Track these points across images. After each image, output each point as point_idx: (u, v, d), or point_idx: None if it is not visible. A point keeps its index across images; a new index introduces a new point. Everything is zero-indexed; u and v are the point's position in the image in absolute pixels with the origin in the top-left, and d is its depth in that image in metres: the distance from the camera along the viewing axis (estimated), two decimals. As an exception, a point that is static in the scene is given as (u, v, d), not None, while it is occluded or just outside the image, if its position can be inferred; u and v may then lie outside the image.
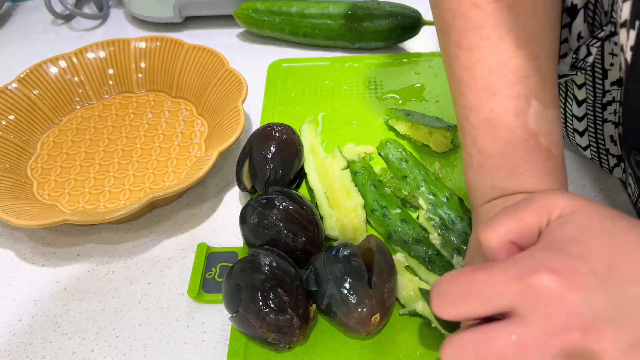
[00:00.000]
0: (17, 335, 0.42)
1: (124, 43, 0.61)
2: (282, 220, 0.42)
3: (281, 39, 0.69)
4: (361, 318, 0.37)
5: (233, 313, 0.38)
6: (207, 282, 0.43)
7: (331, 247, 0.40)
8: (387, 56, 0.64)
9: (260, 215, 0.42)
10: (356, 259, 0.38)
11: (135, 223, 0.49)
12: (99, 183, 0.52)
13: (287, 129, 0.50)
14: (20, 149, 0.55)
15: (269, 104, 0.60)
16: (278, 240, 0.42)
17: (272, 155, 0.47)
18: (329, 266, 0.39)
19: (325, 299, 0.38)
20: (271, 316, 0.36)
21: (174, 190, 0.45)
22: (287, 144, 0.49)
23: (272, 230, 0.42)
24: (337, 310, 0.38)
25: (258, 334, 0.37)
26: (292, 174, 0.48)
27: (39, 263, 0.47)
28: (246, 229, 0.43)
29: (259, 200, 0.43)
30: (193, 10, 0.71)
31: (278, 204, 0.42)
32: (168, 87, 0.61)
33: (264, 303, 0.37)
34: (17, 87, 0.57)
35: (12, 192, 0.49)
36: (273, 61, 0.65)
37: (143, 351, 0.40)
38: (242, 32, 0.72)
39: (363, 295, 0.37)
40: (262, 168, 0.47)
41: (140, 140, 0.56)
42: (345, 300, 0.37)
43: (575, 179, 0.49)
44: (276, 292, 0.37)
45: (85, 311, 0.43)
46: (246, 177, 0.49)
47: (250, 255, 0.40)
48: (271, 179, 0.47)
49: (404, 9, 0.63)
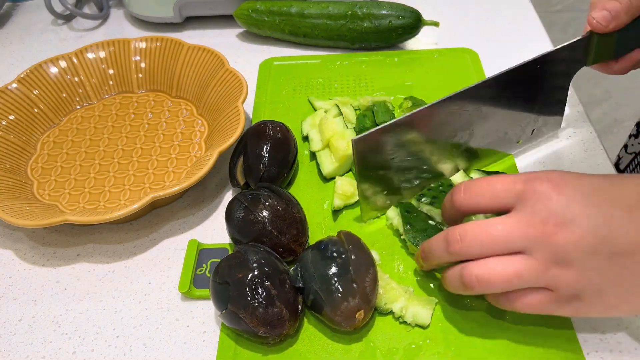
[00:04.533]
0: (17, 335, 0.42)
1: (124, 43, 0.62)
2: (268, 216, 0.42)
3: (281, 39, 0.69)
4: (346, 314, 0.37)
5: (222, 310, 0.38)
6: (198, 278, 0.43)
7: (317, 243, 0.41)
8: (377, 54, 0.64)
9: (246, 211, 0.42)
10: (341, 255, 0.39)
11: (135, 223, 0.49)
12: (99, 183, 0.52)
13: (282, 127, 0.50)
14: (20, 149, 0.55)
15: (260, 102, 0.60)
16: (262, 236, 0.42)
17: (267, 152, 0.48)
18: (315, 263, 0.39)
19: (311, 295, 0.39)
20: (260, 310, 0.37)
21: (174, 190, 0.45)
22: (282, 141, 0.49)
23: (256, 226, 0.42)
24: (322, 306, 0.38)
25: (248, 329, 0.37)
26: (285, 171, 0.49)
27: (39, 263, 0.47)
28: (231, 224, 0.43)
29: (246, 195, 0.43)
30: (193, 10, 0.71)
31: (264, 200, 0.43)
32: (168, 87, 0.61)
33: (252, 297, 0.37)
34: (17, 87, 0.57)
35: (12, 192, 0.49)
36: (264, 59, 0.65)
37: (143, 351, 0.40)
38: (242, 32, 0.72)
39: (346, 291, 0.37)
40: (257, 165, 0.47)
41: (140, 140, 0.56)
42: (330, 297, 0.38)
43: (575, 179, 0.49)
44: (264, 285, 0.37)
45: (85, 311, 0.43)
46: (240, 173, 0.49)
47: (237, 251, 0.40)
48: (265, 176, 0.47)
49: (404, 9, 0.63)
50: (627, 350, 0.38)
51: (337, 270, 0.38)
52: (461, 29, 0.69)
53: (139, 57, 0.61)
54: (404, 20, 0.63)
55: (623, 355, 0.38)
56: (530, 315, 0.37)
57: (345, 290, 0.38)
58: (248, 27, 0.69)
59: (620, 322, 0.39)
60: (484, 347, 0.38)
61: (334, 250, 0.39)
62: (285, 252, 0.42)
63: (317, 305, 0.39)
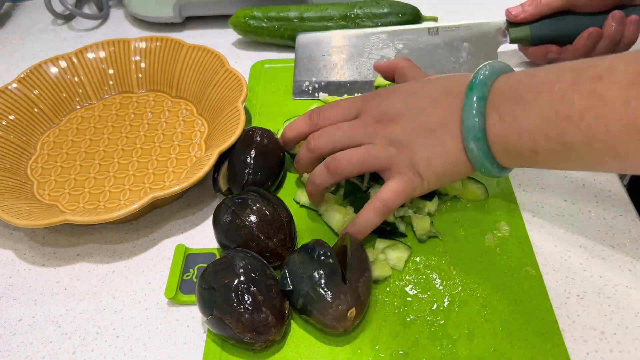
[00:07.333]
0: (17, 335, 0.42)
1: (124, 43, 0.62)
2: (255, 221, 0.42)
3: (280, 44, 0.68)
4: (337, 314, 0.37)
5: (208, 316, 0.38)
6: (185, 283, 0.43)
7: (304, 246, 0.41)
8: None
9: (233, 215, 0.42)
10: (329, 256, 0.39)
11: (135, 223, 0.49)
12: (99, 183, 0.52)
13: (269, 134, 0.49)
14: (20, 149, 0.55)
15: (250, 105, 0.59)
16: (250, 240, 0.42)
17: (252, 159, 0.47)
18: (303, 265, 0.39)
19: (300, 299, 0.38)
20: (246, 316, 0.37)
21: (174, 190, 0.45)
22: (268, 149, 0.48)
23: (243, 230, 0.42)
24: (312, 308, 0.38)
25: (234, 335, 0.37)
26: (271, 179, 0.48)
27: (39, 263, 0.47)
28: (218, 228, 0.43)
29: (233, 200, 0.43)
30: (193, 10, 0.71)
31: (252, 204, 0.43)
32: (168, 87, 0.61)
33: (238, 303, 0.37)
34: (17, 87, 0.57)
35: (12, 192, 0.49)
36: (255, 62, 0.65)
37: (143, 351, 0.40)
38: (242, 32, 0.72)
39: (337, 291, 0.37)
40: (241, 172, 0.47)
41: (140, 140, 0.56)
42: (320, 298, 0.37)
43: (575, 179, 0.49)
44: (250, 291, 0.37)
45: (85, 311, 0.43)
46: (223, 179, 0.49)
47: (223, 256, 0.40)
48: (249, 183, 0.47)
49: (404, 7, 0.63)
50: (627, 350, 0.38)
51: (329, 270, 0.38)
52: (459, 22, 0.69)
53: (139, 57, 0.61)
54: (404, 17, 0.63)
55: (623, 355, 0.38)
56: (517, 320, 0.39)
57: (337, 289, 0.38)
58: (245, 35, 0.68)
59: (621, 322, 0.39)
60: (471, 354, 0.38)
61: (322, 252, 0.39)
62: (273, 257, 0.42)
63: (307, 308, 0.38)
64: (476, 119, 0.39)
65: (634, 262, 0.43)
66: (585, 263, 0.43)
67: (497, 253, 0.44)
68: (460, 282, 0.42)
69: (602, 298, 0.41)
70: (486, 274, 0.42)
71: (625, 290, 0.41)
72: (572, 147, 0.36)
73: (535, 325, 0.39)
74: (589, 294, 0.41)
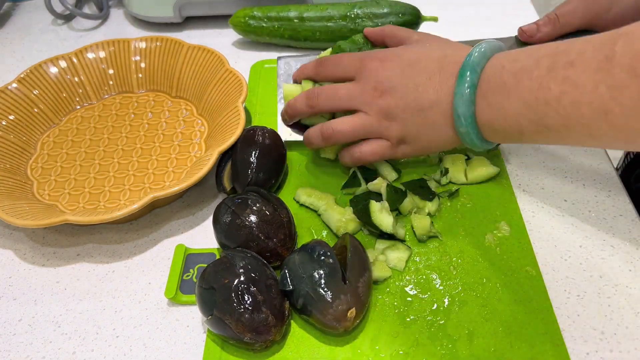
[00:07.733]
0: (17, 335, 0.42)
1: (124, 43, 0.61)
2: (255, 221, 0.42)
3: (281, 44, 0.68)
4: (337, 314, 0.37)
5: (208, 316, 0.38)
6: (185, 283, 0.43)
7: (304, 246, 0.41)
8: None
9: (233, 215, 0.42)
10: (328, 256, 0.39)
11: (135, 223, 0.49)
12: (99, 183, 0.52)
13: (272, 133, 0.49)
14: (20, 149, 0.55)
15: (250, 105, 0.59)
16: (250, 240, 0.42)
17: (255, 159, 0.47)
18: (303, 265, 0.39)
19: (300, 299, 0.38)
20: (246, 316, 0.37)
21: (174, 190, 0.45)
22: (271, 148, 0.48)
23: (243, 230, 0.42)
24: (312, 308, 0.38)
25: (234, 335, 0.37)
26: (274, 177, 0.48)
27: (39, 263, 0.47)
28: (218, 228, 0.43)
29: (233, 200, 0.43)
30: (193, 10, 0.71)
31: (252, 204, 0.43)
32: (168, 87, 0.61)
33: (238, 303, 0.37)
34: (17, 87, 0.57)
35: (12, 192, 0.49)
36: (255, 62, 0.65)
37: (143, 351, 0.40)
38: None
39: (337, 291, 0.37)
40: (244, 171, 0.47)
41: (140, 140, 0.56)
42: (320, 298, 0.37)
43: (575, 179, 0.49)
44: (250, 291, 0.37)
45: (85, 311, 0.43)
46: (227, 178, 0.49)
47: (223, 256, 0.40)
48: (252, 182, 0.47)
49: (404, 7, 0.63)
50: (627, 350, 0.38)
51: (329, 270, 0.38)
52: (460, 23, 0.69)
53: (139, 57, 0.61)
54: (404, 17, 0.63)
55: (623, 355, 0.38)
56: (517, 318, 0.39)
57: (337, 289, 0.38)
58: (245, 35, 0.68)
59: (621, 322, 0.39)
60: (471, 354, 0.38)
61: (322, 252, 0.39)
62: (273, 257, 0.42)
63: (307, 308, 0.38)
64: (467, 106, 0.42)
65: (634, 262, 0.43)
66: (585, 263, 0.43)
67: (497, 253, 0.44)
68: (460, 282, 0.42)
69: (602, 298, 0.41)
70: (486, 274, 0.42)
71: (625, 290, 0.41)
72: (553, 128, 0.38)
73: (535, 325, 0.39)
74: (589, 294, 0.41)
